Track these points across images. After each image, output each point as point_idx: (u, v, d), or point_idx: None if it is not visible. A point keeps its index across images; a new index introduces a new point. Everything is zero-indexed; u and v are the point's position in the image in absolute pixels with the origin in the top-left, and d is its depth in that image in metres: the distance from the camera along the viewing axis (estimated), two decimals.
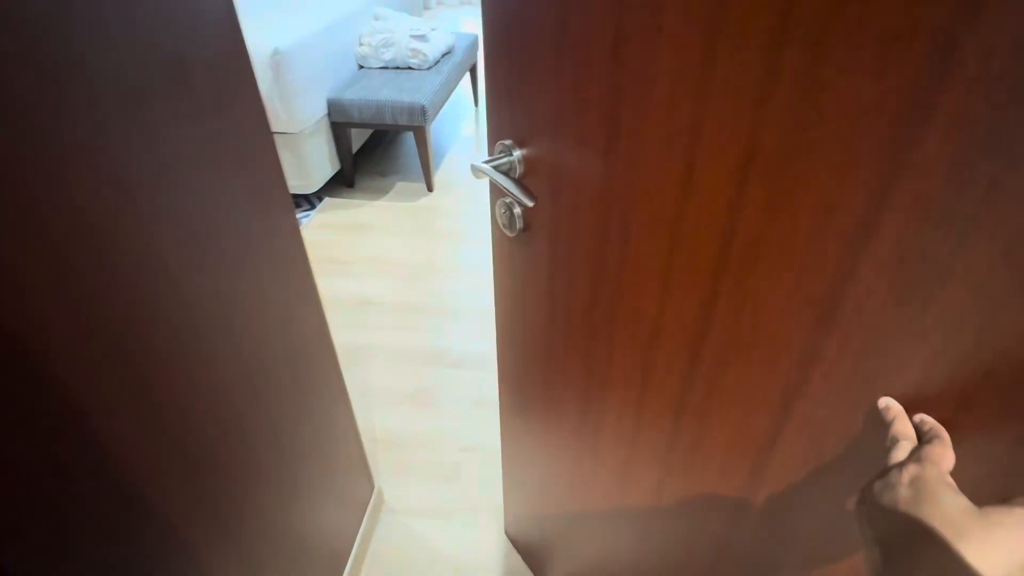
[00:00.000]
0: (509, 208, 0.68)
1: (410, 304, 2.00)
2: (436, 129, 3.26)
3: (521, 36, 0.55)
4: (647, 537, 0.77)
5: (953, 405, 0.36)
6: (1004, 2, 0.26)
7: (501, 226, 0.72)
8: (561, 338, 0.72)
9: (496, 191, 0.71)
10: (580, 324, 0.67)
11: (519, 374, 0.89)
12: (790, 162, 0.37)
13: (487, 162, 0.64)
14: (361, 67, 2.71)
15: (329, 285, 2.09)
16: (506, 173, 0.64)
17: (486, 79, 0.65)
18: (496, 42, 0.59)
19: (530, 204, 0.61)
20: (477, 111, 3.46)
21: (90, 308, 0.48)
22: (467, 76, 3.61)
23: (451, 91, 2.76)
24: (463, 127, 3.28)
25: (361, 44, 2.69)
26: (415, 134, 2.48)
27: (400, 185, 2.71)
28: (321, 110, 2.38)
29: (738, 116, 0.39)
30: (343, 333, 1.88)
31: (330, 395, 1.05)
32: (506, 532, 1.32)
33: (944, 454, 0.35)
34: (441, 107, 2.64)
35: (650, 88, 0.44)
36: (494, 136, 0.67)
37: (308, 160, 2.35)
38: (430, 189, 2.64)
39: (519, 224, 0.68)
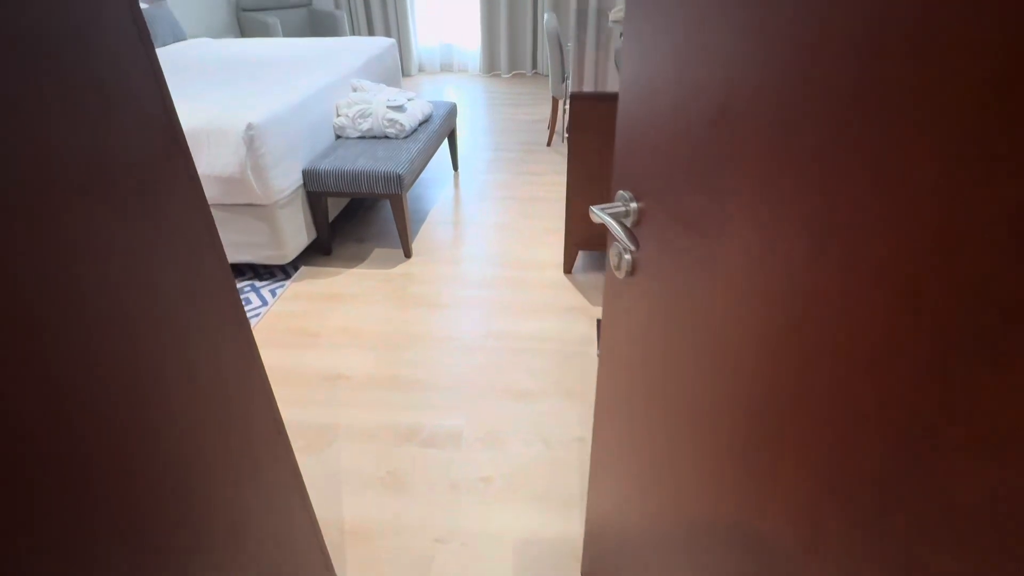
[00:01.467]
0: (620, 253, 0.77)
1: (382, 378, 1.93)
2: (415, 195, 3.27)
3: (643, 110, 0.65)
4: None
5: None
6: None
7: (613, 268, 0.80)
8: (648, 375, 0.77)
9: (612, 237, 0.81)
10: (662, 364, 0.71)
11: (613, 403, 0.94)
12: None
13: (603, 208, 0.72)
14: (339, 137, 2.74)
15: (299, 360, 2.02)
16: (621, 220, 0.72)
17: (617, 139, 0.73)
18: (627, 111, 0.70)
19: (632, 248, 0.68)
20: (457, 175, 3.50)
21: None
22: (447, 142, 3.68)
23: (429, 158, 2.79)
24: (442, 192, 3.30)
25: (339, 115, 2.73)
26: (391, 202, 2.48)
27: (378, 252, 2.69)
28: (296, 181, 2.37)
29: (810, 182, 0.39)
30: (312, 411, 1.80)
31: (282, 493, 0.96)
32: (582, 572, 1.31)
33: None
34: (418, 174, 2.65)
35: (738, 157, 0.48)
36: (616, 186, 0.77)
37: (283, 231, 2.33)
38: (408, 255, 2.62)
39: (627, 268, 0.76)
